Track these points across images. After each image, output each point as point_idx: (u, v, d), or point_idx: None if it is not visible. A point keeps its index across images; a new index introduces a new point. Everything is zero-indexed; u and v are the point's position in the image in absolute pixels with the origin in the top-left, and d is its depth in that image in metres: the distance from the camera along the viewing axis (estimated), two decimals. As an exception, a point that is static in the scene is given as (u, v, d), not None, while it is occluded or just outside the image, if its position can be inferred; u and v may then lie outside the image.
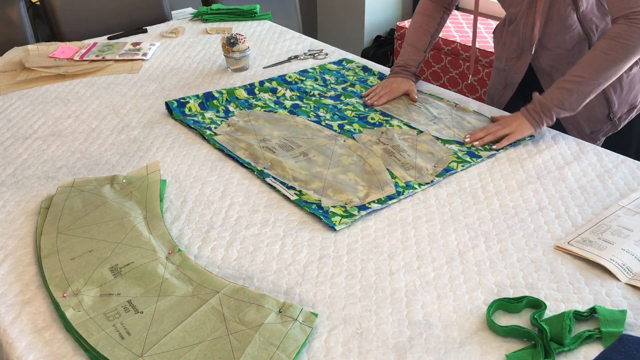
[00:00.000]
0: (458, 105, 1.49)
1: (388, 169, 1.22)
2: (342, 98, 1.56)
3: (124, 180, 1.17)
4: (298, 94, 1.58)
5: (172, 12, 2.66)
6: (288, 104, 1.53)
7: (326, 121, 1.43)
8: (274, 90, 1.59)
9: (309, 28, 3.79)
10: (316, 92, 1.59)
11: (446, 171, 1.22)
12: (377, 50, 3.52)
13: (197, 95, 1.52)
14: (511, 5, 1.45)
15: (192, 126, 1.41)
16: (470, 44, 2.85)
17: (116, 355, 0.79)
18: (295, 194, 1.15)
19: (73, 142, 1.37)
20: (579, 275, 0.94)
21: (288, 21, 2.70)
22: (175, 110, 1.48)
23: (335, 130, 1.38)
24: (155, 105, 1.56)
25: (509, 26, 1.50)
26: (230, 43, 1.69)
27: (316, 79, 1.66)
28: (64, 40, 2.17)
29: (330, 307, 0.89)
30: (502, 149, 1.30)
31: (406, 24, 3.19)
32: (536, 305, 0.87)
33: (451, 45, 2.96)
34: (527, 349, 0.80)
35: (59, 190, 1.14)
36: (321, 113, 1.48)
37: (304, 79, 1.67)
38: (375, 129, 1.39)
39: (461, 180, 1.20)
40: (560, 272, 0.94)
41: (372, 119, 1.44)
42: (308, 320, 0.84)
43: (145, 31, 2.13)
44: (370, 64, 1.78)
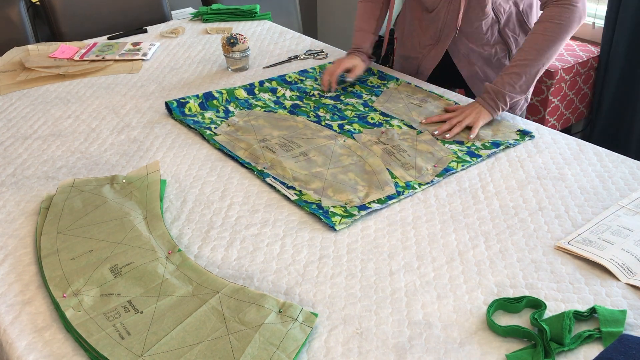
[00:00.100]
0: (458, 104, 1.49)
1: (388, 169, 1.22)
2: (342, 98, 1.56)
3: (124, 180, 1.17)
4: (298, 94, 1.58)
5: (172, 12, 2.66)
6: (288, 104, 1.53)
7: (326, 121, 1.43)
8: (273, 90, 1.59)
9: (309, 28, 3.79)
10: (316, 92, 1.59)
11: (446, 171, 1.22)
12: (377, 50, 3.51)
13: (197, 95, 1.52)
14: None
15: (192, 126, 1.41)
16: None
17: (116, 355, 0.79)
18: (295, 194, 1.15)
19: (73, 142, 1.37)
20: (579, 275, 0.94)
21: (288, 21, 2.70)
22: (175, 110, 1.48)
23: (335, 130, 1.38)
24: (155, 105, 1.56)
25: (427, 14, 1.59)
26: (230, 43, 1.69)
27: (316, 79, 1.66)
28: (64, 40, 2.17)
29: (330, 307, 0.89)
30: (501, 149, 1.30)
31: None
32: (536, 305, 0.87)
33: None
34: (527, 349, 0.80)
35: (59, 190, 1.14)
36: (321, 113, 1.48)
37: (304, 79, 1.67)
38: (375, 129, 1.39)
39: (461, 180, 1.20)
40: (560, 272, 0.94)
41: (372, 119, 1.44)
42: (308, 320, 0.84)
43: (145, 31, 2.13)
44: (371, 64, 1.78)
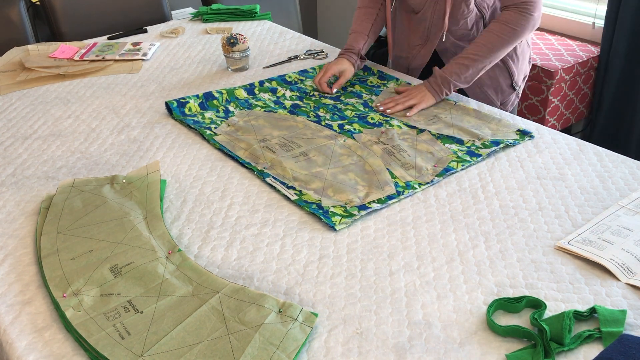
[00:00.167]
0: (457, 103, 1.49)
1: (388, 169, 1.22)
2: (342, 98, 1.56)
3: (124, 180, 1.17)
4: (298, 94, 1.58)
5: (172, 12, 2.66)
6: (288, 104, 1.53)
7: (326, 121, 1.43)
8: (273, 90, 1.59)
9: (309, 28, 3.79)
10: (316, 92, 1.59)
11: (446, 171, 1.22)
12: (377, 50, 3.50)
13: (197, 95, 1.52)
14: None
15: (192, 126, 1.41)
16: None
17: (116, 355, 0.79)
18: (295, 193, 1.15)
19: (73, 142, 1.37)
20: (579, 275, 0.94)
21: (288, 21, 2.70)
22: (175, 110, 1.48)
23: (335, 130, 1.38)
24: (155, 105, 1.56)
25: (414, 15, 1.62)
26: (230, 43, 1.69)
27: (316, 79, 1.66)
28: (64, 40, 2.17)
29: (330, 307, 0.89)
30: (501, 148, 1.30)
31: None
32: (536, 305, 0.87)
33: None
34: (527, 349, 0.80)
35: (59, 190, 1.14)
36: (321, 113, 1.48)
37: (304, 79, 1.66)
38: (375, 128, 1.39)
39: (461, 180, 1.20)
40: (560, 272, 0.94)
41: (372, 119, 1.44)
42: (308, 320, 0.84)
43: (145, 31, 2.13)
44: (370, 63, 1.78)
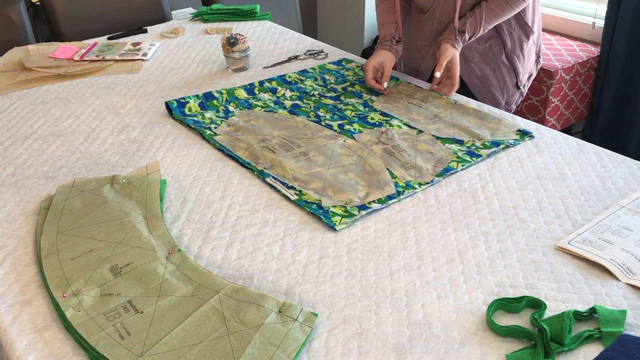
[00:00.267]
0: (458, 102, 1.49)
1: (388, 169, 1.22)
2: (342, 98, 1.56)
3: (124, 180, 1.17)
4: (298, 94, 1.58)
5: (172, 12, 2.66)
6: (288, 104, 1.53)
7: (326, 121, 1.43)
8: (274, 90, 1.59)
9: (309, 28, 3.79)
10: (316, 92, 1.59)
11: (446, 171, 1.22)
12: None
13: (197, 95, 1.52)
14: None
15: (192, 126, 1.41)
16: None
17: (116, 355, 0.79)
18: (295, 193, 1.15)
19: (73, 142, 1.37)
20: (579, 275, 0.94)
21: (288, 21, 2.70)
22: (175, 110, 1.48)
23: (335, 130, 1.38)
24: (155, 105, 1.56)
25: (422, 15, 1.63)
26: (230, 43, 1.69)
27: (316, 79, 1.66)
28: (64, 40, 2.17)
29: (330, 307, 0.89)
30: (501, 149, 1.30)
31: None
32: (536, 305, 0.87)
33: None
34: (527, 349, 0.80)
35: (59, 190, 1.14)
36: (321, 113, 1.48)
37: (304, 79, 1.67)
38: (375, 128, 1.39)
39: (461, 180, 1.20)
40: (560, 272, 0.94)
41: (372, 118, 1.44)
42: (308, 320, 0.84)
43: (145, 31, 2.13)
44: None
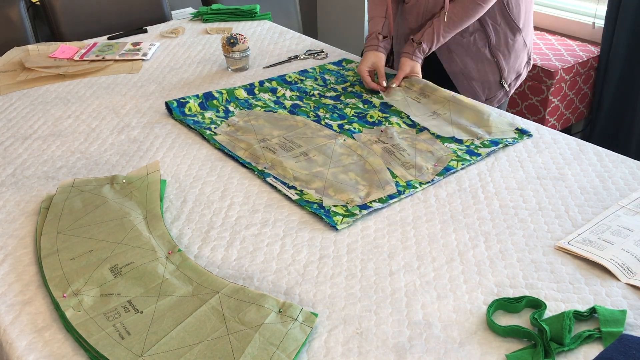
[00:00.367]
0: (455, 95, 1.49)
1: (388, 168, 1.22)
2: (342, 98, 1.56)
3: (124, 180, 1.17)
4: (298, 94, 1.58)
5: (172, 12, 2.66)
6: (288, 104, 1.53)
7: (326, 120, 1.43)
8: (273, 90, 1.59)
9: (309, 28, 3.79)
10: (316, 92, 1.59)
11: (446, 170, 1.22)
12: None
13: (197, 95, 1.52)
14: None
15: (192, 126, 1.41)
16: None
17: (116, 355, 0.79)
18: (296, 193, 1.15)
19: (73, 142, 1.37)
20: (579, 275, 0.94)
21: (288, 21, 2.70)
22: (175, 110, 1.48)
23: (335, 130, 1.38)
24: (155, 105, 1.56)
25: (406, 5, 1.62)
26: (230, 43, 1.69)
27: (316, 79, 1.66)
28: (64, 40, 2.17)
29: (330, 307, 0.89)
30: (500, 147, 1.30)
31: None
32: (536, 305, 0.87)
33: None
34: (527, 349, 0.80)
35: (59, 190, 1.14)
36: (321, 113, 1.48)
37: (304, 79, 1.66)
38: (374, 128, 1.39)
39: (461, 180, 1.20)
40: (560, 272, 0.94)
41: (371, 117, 1.44)
42: (308, 320, 0.84)
43: (145, 31, 2.13)
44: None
